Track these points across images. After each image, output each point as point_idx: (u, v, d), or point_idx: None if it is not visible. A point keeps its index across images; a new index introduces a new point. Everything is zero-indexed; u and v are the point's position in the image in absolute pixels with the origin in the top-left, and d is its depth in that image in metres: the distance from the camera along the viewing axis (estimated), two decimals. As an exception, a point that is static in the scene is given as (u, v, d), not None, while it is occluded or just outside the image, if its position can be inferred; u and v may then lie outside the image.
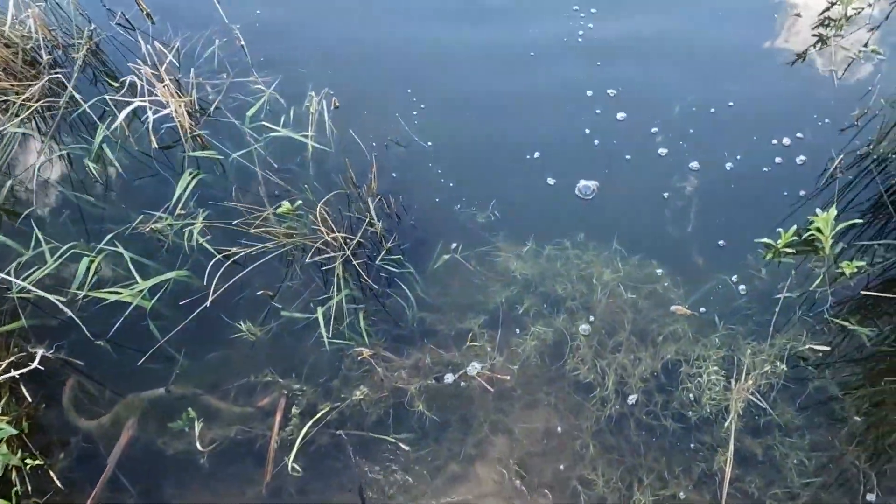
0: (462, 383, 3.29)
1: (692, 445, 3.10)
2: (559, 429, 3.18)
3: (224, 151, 3.95)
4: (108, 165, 3.98)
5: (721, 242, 3.60)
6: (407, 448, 3.14)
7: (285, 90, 4.16)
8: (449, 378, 3.30)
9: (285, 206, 3.60)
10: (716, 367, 3.21)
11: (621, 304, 3.46)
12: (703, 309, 3.42)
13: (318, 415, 3.19)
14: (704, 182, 3.83)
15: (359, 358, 3.32)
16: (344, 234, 3.51)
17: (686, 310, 3.40)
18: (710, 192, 3.79)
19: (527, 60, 4.41)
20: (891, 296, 3.36)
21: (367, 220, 3.60)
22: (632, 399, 3.21)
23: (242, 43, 4.39)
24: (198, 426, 3.21)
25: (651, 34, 4.58)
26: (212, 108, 4.07)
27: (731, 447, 3.04)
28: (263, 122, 3.95)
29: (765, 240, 3.51)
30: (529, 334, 3.39)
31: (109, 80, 4.25)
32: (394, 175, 3.86)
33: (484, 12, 4.75)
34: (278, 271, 3.61)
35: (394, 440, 3.15)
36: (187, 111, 3.98)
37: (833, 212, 3.30)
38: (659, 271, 3.53)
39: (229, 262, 3.53)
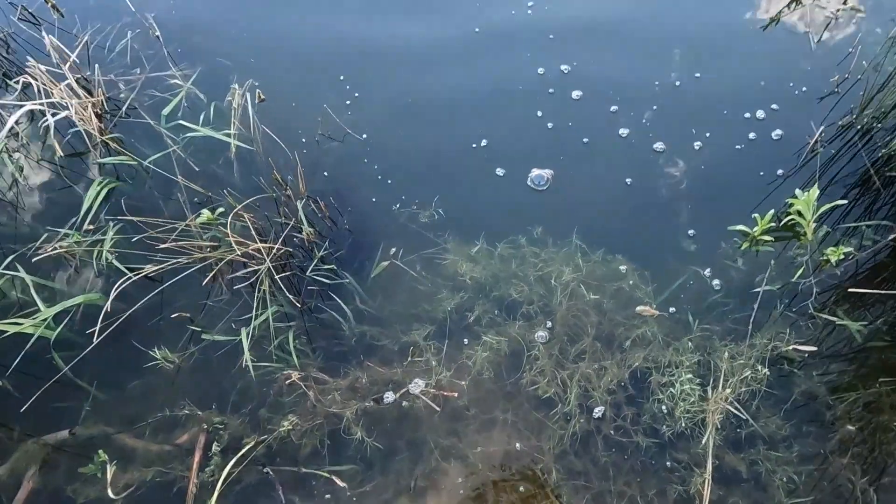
0: (404, 403, 2.90)
1: (667, 464, 2.73)
2: (518, 450, 2.81)
3: (141, 155, 3.52)
4: (11, 178, 3.55)
5: (691, 232, 3.22)
6: (344, 484, 2.76)
7: (206, 84, 3.73)
8: (389, 398, 2.92)
9: (206, 214, 3.19)
10: (690, 375, 2.84)
11: (583, 307, 3.07)
12: (672, 309, 3.04)
13: (243, 450, 2.80)
14: (671, 165, 3.44)
15: (287, 382, 2.94)
16: (270, 244, 3.11)
17: (653, 310, 3.03)
18: (678, 176, 3.41)
19: (470, 38, 3.99)
20: (880, 292, 2.99)
21: (296, 225, 3.19)
22: (598, 413, 2.83)
23: (158, 33, 3.95)
24: (110, 470, 2.81)
25: (608, 2, 4.17)
26: (124, 108, 3.64)
27: (710, 465, 2.67)
28: (181, 121, 3.52)
29: (740, 227, 3.13)
30: (481, 345, 3.01)
31: (8, 81, 3.81)
32: (325, 174, 3.45)
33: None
34: (202, 289, 3.21)
35: (328, 475, 2.77)
36: (96, 113, 3.55)
37: (814, 192, 2.92)
38: (623, 267, 3.15)
39: (138, 279, 3.13)
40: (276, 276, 3.01)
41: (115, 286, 2.98)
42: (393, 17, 4.16)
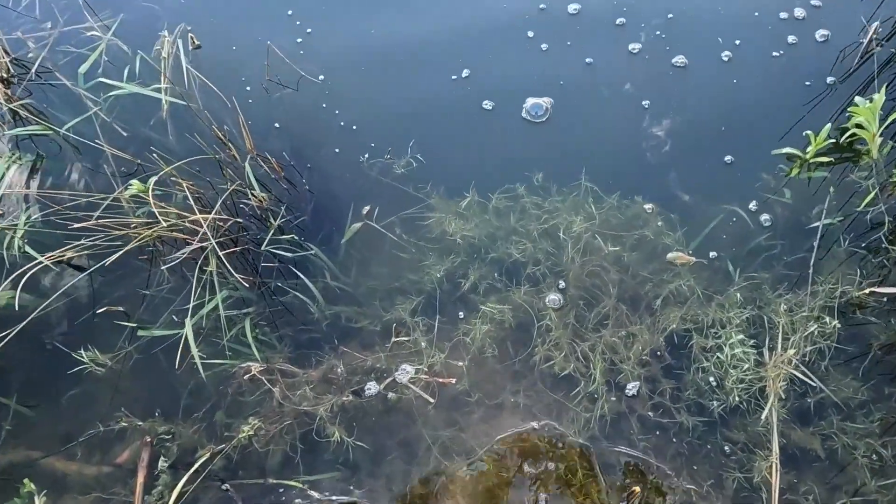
0: (391, 395, 2.36)
1: (721, 447, 2.20)
2: (534, 441, 2.27)
3: (59, 122, 2.93)
4: None
5: (728, 159, 2.64)
6: (322, 496, 2.23)
7: (130, 34, 3.10)
8: (372, 389, 2.37)
9: (136, 186, 2.61)
10: (740, 335, 2.28)
11: (601, 263, 2.51)
12: (713, 253, 2.48)
13: (196, 465, 2.26)
14: (695, 81, 2.84)
15: (246, 377, 2.38)
16: (211, 215, 2.53)
17: (688, 256, 2.46)
18: (705, 94, 2.81)
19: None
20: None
21: (245, 190, 2.61)
22: (631, 390, 2.29)
23: (71, -22, 3.33)
24: (40, 502, 2.28)
25: None
26: (34, 70, 3.03)
27: (776, 445, 2.13)
28: (103, 79, 2.92)
29: (786, 150, 2.55)
30: (480, 316, 2.45)
31: None
32: (277, 126, 2.85)
33: None
34: (143, 278, 2.64)
35: (301, 485, 2.24)
36: (0, 77, 2.96)
37: (880, 98, 2.33)
38: (648, 207, 2.57)
39: (66, 271, 2.57)
40: (221, 254, 2.43)
41: (25, 276, 2.42)
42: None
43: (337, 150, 2.77)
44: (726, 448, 2.19)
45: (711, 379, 2.26)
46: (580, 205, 2.62)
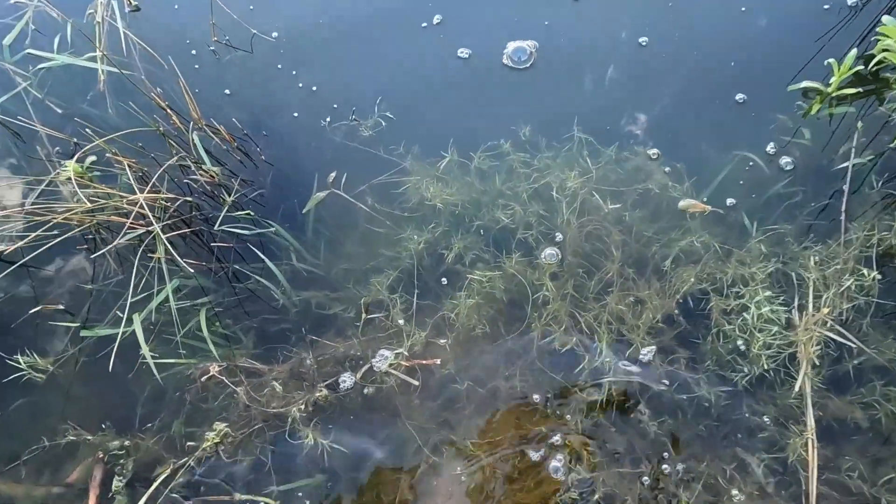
0: (369, 388, 2.07)
1: (748, 423, 1.92)
2: (534, 429, 1.99)
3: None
4: None
5: (740, 97, 2.33)
6: (301, 510, 1.96)
7: (60, -2, 2.77)
8: (347, 381, 2.07)
9: (72, 167, 2.29)
10: (766, 293, 1.99)
11: (600, 224, 2.21)
12: (731, 200, 2.18)
13: (156, 482, 1.98)
14: (698, 11, 2.51)
15: (204, 379, 2.09)
16: (154, 194, 2.22)
17: (703, 204, 2.16)
18: (710, 26, 2.48)
19: None
20: None
21: (189, 165, 2.29)
22: (644, 358, 2.01)
23: (-10, -58, 2.96)
24: (-18, 529, 2.01)
25: None
26: (-48, 46, 2.69)
27: (811, 418, 1.86)
28: (31, 51, 2.58)
29: (804, 84, 2.24)
30: (465, 289, 2.16)
31: None
32: (227, 92, 2.52)
33: None
34: (89, 271, 2.34)
35: (274, 502, 1.96)
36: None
37: (911, 14, 2.02)
38: (652, 152, 2.27)
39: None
40: (170, 236, 2.12)
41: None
42: None
43: (296, 115, 2.44)
44: (751, 422, 1.92)
45: (734, 345, 1.98)
46: (574, 159, 2.31)
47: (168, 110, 2.35)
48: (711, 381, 1.97)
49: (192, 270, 2.07)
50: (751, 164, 2.22)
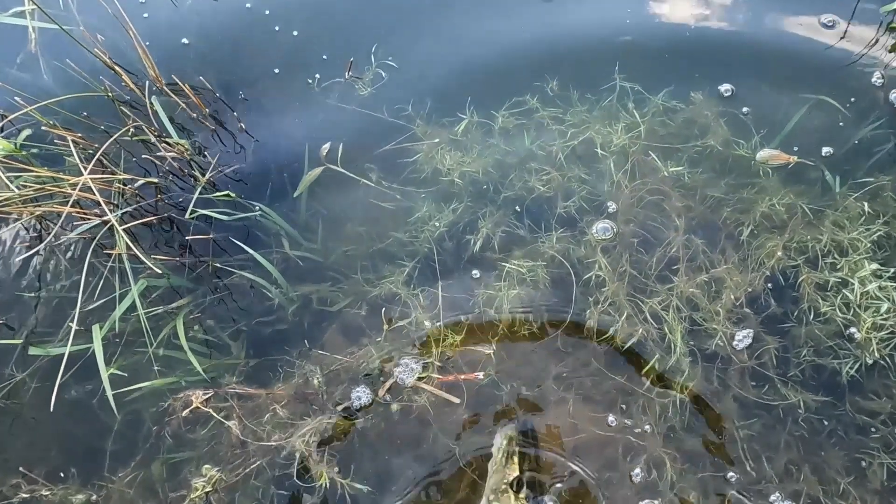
0: (395, 405, 1.58)
1: (855, 422, 1.48)
2: (605, 436, 1.54)
3: None
4: None
5: (828, 19, 1.82)
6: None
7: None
8: (361, 398, 1.58)
9: (2, 145, 1.72)
10: (872, 264, 1.53)
11: (657, 187, 1.72)
12: (828, 149, 1.70)
13: (133, 541, 1.49)
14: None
15: (186, 412, 1.57)
16: (116, 177, 1.66)
17: (788, 156, 1.69)
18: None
19: None
20: None
21: (152, 140, 1.73)
22: (741, 341, 1.55)
23: None
24: None
25: None
26: None
27: (940, 415, 1.43)
28: (-57, 7, 1.97)
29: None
30: (503, 277, 1.66)
31: None
32: (185, 42, 1.93)
33: None
34: (31, 273, 1.79)
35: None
36: None
37: None
38: (725, 90, 1.77)
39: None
40: (129, 227, 1.58)
41: None
42: None
43: (277, 71, 1.87)
44: (859, 422, 1.48)
45: (835, 329, 1.53)
46: (615, 112, 1.81)
47: (118, 68, 1.77)
48: (808, 375, 1.52)
49: (159, 270, 1.52)
50: (825, 112, 1.74)
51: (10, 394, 1.64)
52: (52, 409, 1.42)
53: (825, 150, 1.68)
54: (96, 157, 1.55)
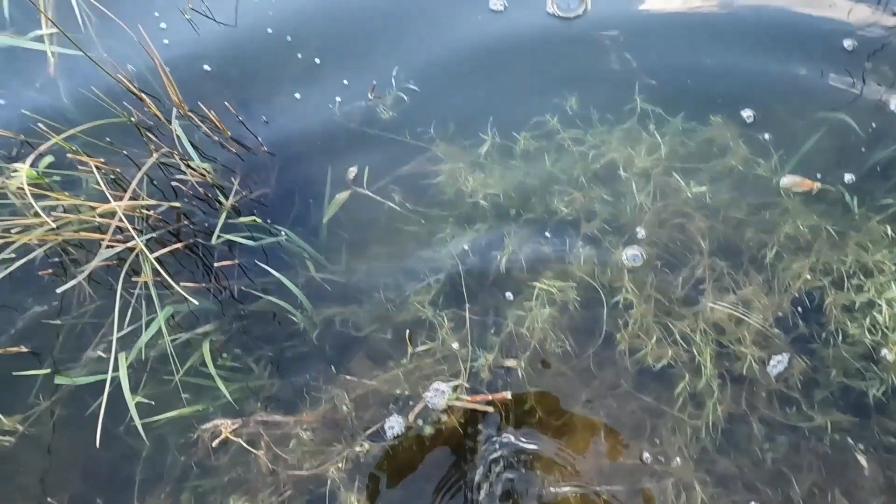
0: (429, 429, 1.54)
1: (890, 448, 1.46)
2: (632, 464, 1.50)
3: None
4: None
5: (848, 44, 1.81)
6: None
7: (-8, -35, 2.08)
8: (394, 426, 1.54)
9: (26, 172, 1.67)
10: (898, 285, 1.52)
11: (679, 208, 1.70)
12: (849, 177, 1.68)
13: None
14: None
15: (215, 443, 1.53)
16: (140, 203, 1.62)
17: (812, 182, 1.67)
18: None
19: None
20: None
21: (174, 163, 1.69)
22: (775, 367, 1.52)
23: None
24: None
25: None
26: None
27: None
28: (-39, 31, 1.92)
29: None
30: (534, 297, 1.63)
31: None
32: (206, 68, 1.90)
33: None
34: (55, 299, 1.74)
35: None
36: None
37: None
38: (747, 116, 1.75)
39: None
40: (155, 255, 1.54)
41: None
42: None
43: (298, 96, 1.84)
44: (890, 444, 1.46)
45: (862, 350, 1.51)
46: (635, 134, 1.78)
47: (141, 94, 1.73)
48: (841, 397, 1.50)
49: (190, 297, 1.48)
50: (846, 133, 1.73)
51: (36, 422, 1.59)
52: (97, 445, 1.38)
53: (847, 177, 1.66)
54: (132, 186, 1.51)
